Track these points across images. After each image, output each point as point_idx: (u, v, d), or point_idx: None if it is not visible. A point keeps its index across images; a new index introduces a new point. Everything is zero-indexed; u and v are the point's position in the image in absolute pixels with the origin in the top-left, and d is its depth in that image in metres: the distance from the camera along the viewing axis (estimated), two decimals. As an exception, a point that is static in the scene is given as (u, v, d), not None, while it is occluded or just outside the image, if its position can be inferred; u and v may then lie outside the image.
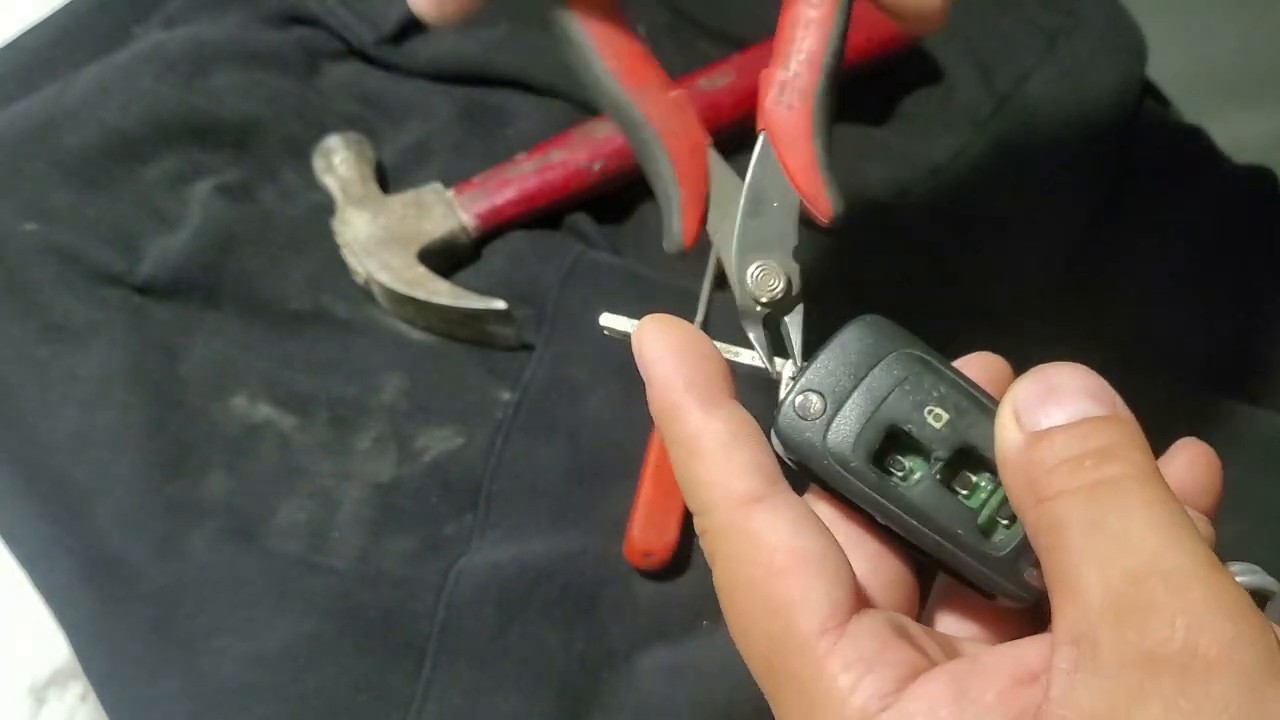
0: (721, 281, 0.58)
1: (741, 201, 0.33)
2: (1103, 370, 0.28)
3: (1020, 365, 0.56)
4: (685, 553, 0.51)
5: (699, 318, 0.56)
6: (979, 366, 0.34)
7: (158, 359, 0.53)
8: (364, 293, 0.57)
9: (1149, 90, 0.65)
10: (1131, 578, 0.23)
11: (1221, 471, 0.33)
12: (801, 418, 0.31)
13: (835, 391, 0.31)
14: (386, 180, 0.61)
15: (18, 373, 0.52)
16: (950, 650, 0.29)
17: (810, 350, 0.32)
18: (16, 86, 0.61)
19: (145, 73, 0.60)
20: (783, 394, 0.32)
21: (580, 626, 0.49)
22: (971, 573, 0.30)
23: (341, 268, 0.57)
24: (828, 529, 0.28)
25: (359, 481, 0.52)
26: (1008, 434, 0.27)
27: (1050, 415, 0.26)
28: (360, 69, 0.65)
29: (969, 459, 0.30)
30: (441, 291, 0.55)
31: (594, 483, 0.52)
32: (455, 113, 0.63)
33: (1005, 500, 0.29)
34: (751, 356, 0.33)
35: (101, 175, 0.58)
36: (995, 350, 0.55)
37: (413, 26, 0.65)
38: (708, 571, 0.53)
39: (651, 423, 0.53)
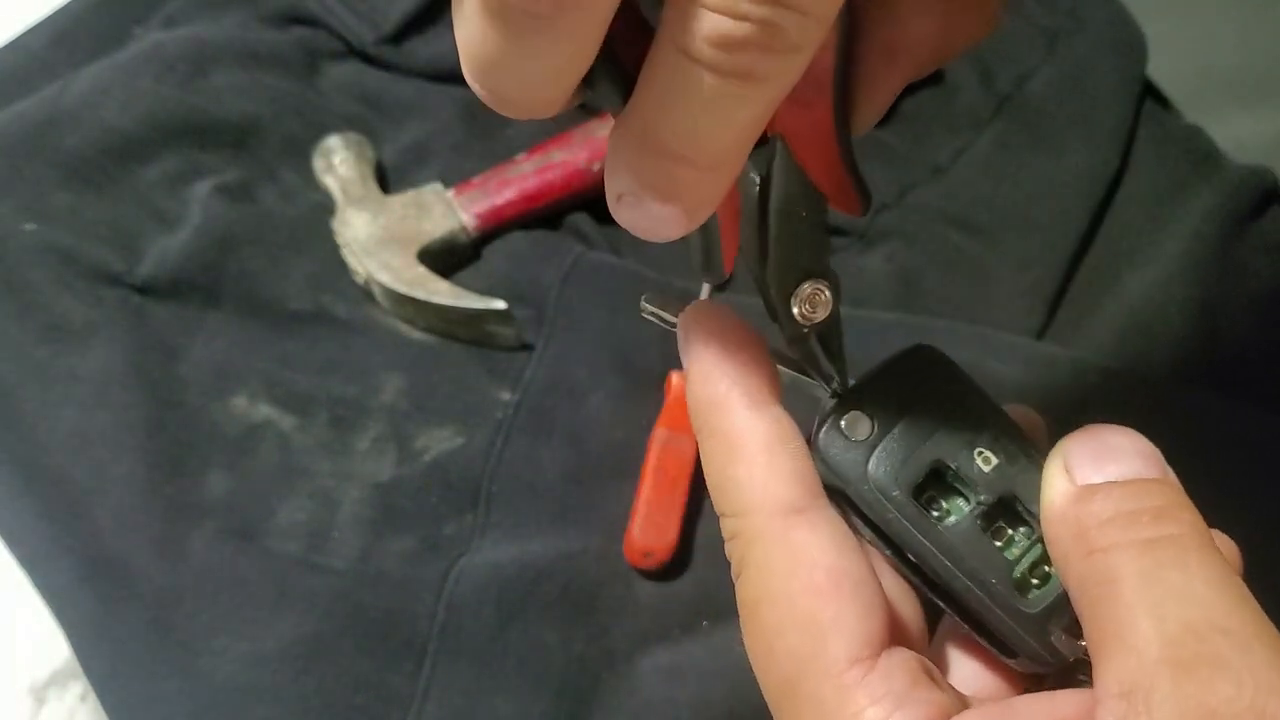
0: (722, 282, 0.58)
1: (771, 218, 0.29)
2: (1103, 371, 0.28)
3: (1023, 366, 0.56)
4: (685, 553, 0.51)
5: (699, 318, 0.56)
6: (1015, 417, 0.32)
7: (157, 359, 0.53)
8: (364, 293, 0.57)
9: (1149, 90, 0.65)
10: (1192, 631, 0.22)
11: (1241, 565, 0.30)
12: (846, 437, 0.29)
13: (884, 416, 0.29)
14: (386, 180, 0.61)
15: (18, 373, 0.52)
16: (967, 706, 0.28)
17: (856, 369, 0.30)
18: (16, 86, 0.61)
19: (145, 73, 0.60)
20: (826, 409, 0.29)
21: (580, 626, 0.49)
22: (999, 626, 0.28)
23: (341, 268, 0.57)
24: (864, 553, 0.27)
25: (359, 481, 0.52)
26: (1058, 483, 0.26)
27: (1103, 471, 0.26)
28: (360, 69, 0.65)
29: (1008, 509, 0.29)
30: (441, 291, 0.55)
31: (594, 483, 0.52)
32: (455, 113, 0.63)
33: (1040, 558, 0.28)
34: (794, 378, 0.30)
35: (101, 175, 0.58)
36: (997, 349, 0.56)
37: (412, 26, 0.65)
38: (708, 571, 0.53)
39: (651, 422, 0.54)
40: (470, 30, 0.21)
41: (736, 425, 0.27)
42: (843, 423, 0.29)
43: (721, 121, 0.22)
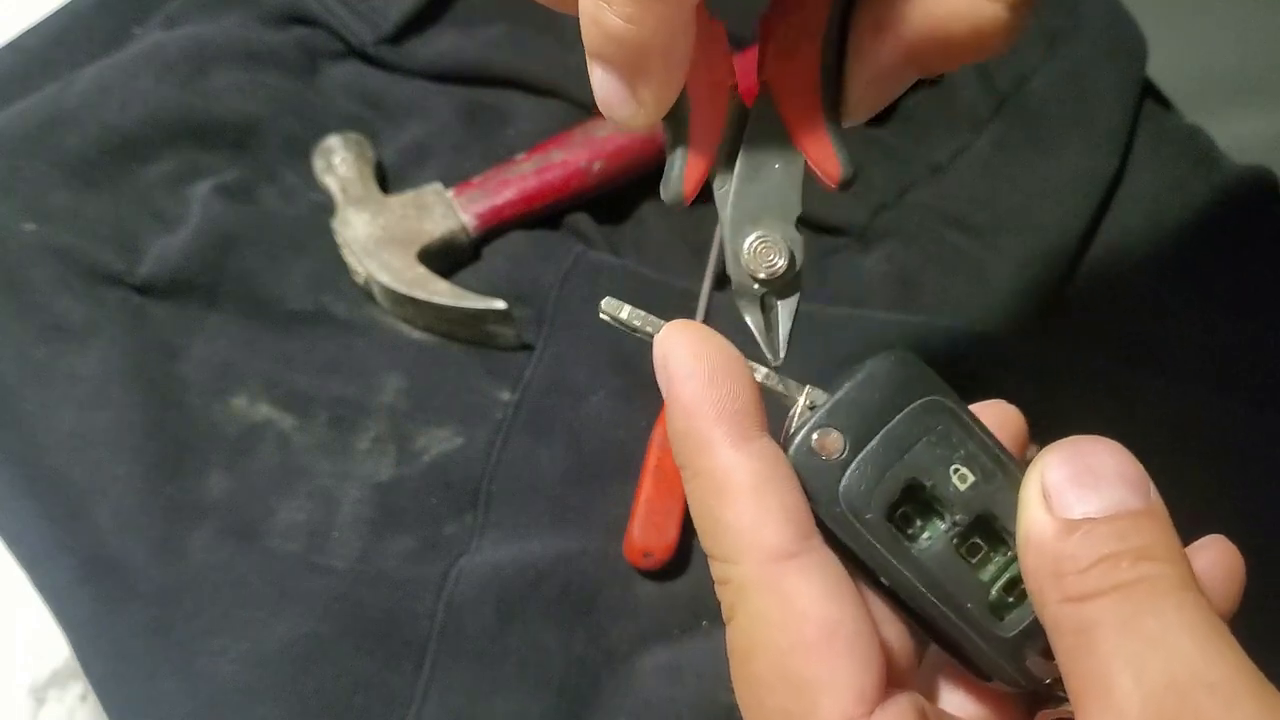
0: (722, 282, 0.58)
1: (738, 162, 0.29)
2: (1103, 371, 0.27)
3: (1021, 366, 0.56)
4: (685, 553, 0.51)
5: (698, 318, 0.56)
6: (993, 416, 0.30)
7: (157, 359, 0.53)
8: (364, 293, 0.57)
9: (1149, 90, 0.65)
10: (1173, 687, 0.22)
11: (1244, 576, 0.29)
12: (817, 455, 0.27)
13: (857, 431, 0.27)
14: (386, 180, 0.61)
15: (18, 373, 0.52)
16: None
17: (825, 376, 0.29)
18: (16, 86, 0.61)
19: (145, 73, 0.60)
20: (795, 423, 0.28)
21: (580, 627, 0.49)
22: (973, 651, 0.28)
23: (341, 268, 0.57)
24: (861, 598, 0.26)
25: (359, 481, 0.52)
26: (1035, 516, 0.25)
27: (1084, 501, 0.24)
28: (360, 69, 0.65)
29: (985, 528, 0.28)
30: (441, 291, 0.55)
31: (594, 483, 0.52)
32: (455, 113, 0.63)
33: (1017, 577, 0.27)
34: (766, 375, 0.29)
35: (101, 175, 0.58)
36: (997, 350, 0.56)
37: (412, 26, 0.65)
38: (707, 572, 0.53)
39: (651, 422, 0.54)
40: None
41: (722, 464, 0.26)
42: (813, 439, 0.27)
43: None
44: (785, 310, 0.29)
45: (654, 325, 0.29)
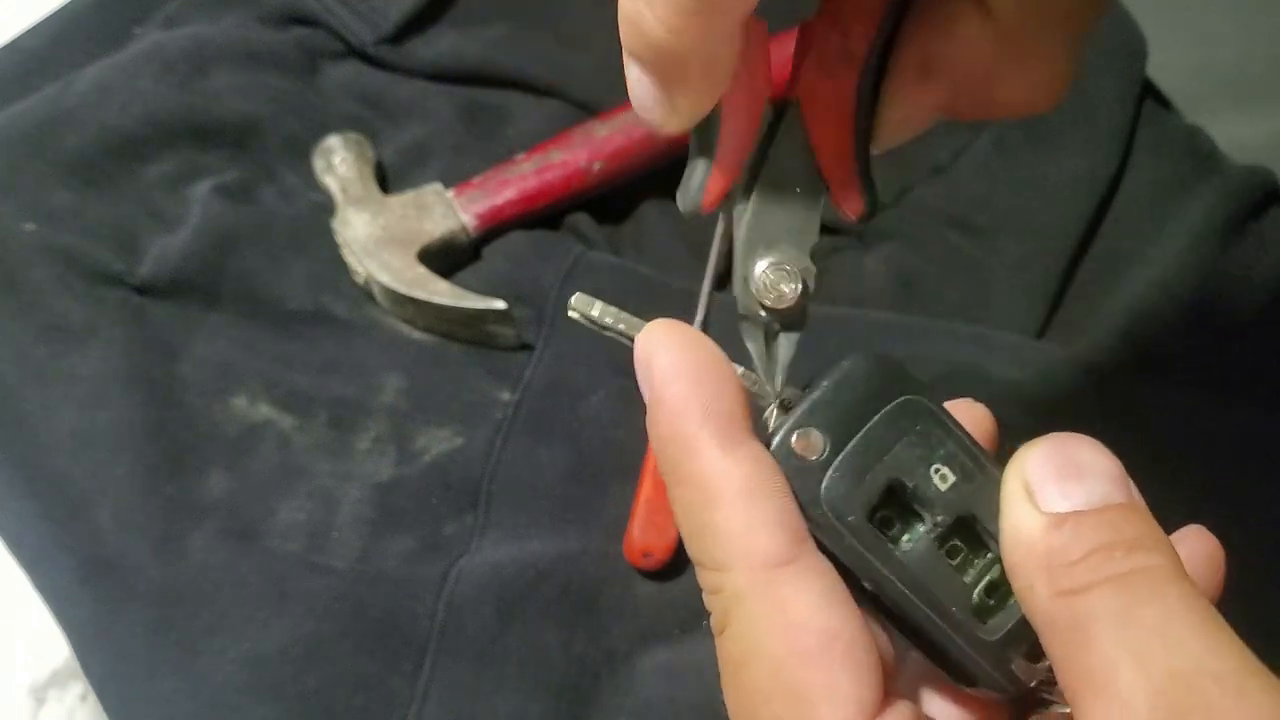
0: (722, 282, 0.58)
1: (760, 181, 0.27)
2: (1102, 372, 0.27)
3: (1021, 367, 0.55)
4: (685, 553, 0.51)
5: (698, 318, 0.56)
6: (965, 415, 0.29)
7: (157, 359, 0.53)
8: (364, 293, 0.57)
9: (1149, 90, 0.65)
10: (1179, 679, 0.21)
11: (1224, 564, 0.28)
12: (798, 456, 0.26)
13: (836, 432, 0.26)
14: (386, 180, 0.61)
15: (18, 373, 0.52)
16: None
17: (799, 378, 0.28)
18: (16, 86, 0.61)
19: (145, 73, 0.60)
20: (773, 423, 0.27)
21: (580, 626, 0.49)
22: (958, 656, 0.27)
23: (341, 268, 0.57)
24: (856, 605, 0.25)
25: (359, 481, 0.52)
26: (1022, 511, 0.24)
27: (1070, 495, 0.24)
28: (360, 69, 0.65)
29: (966, 529, 0.27)
30: (441, 291, 0.55)
31: (594, 483, 0.52)
32: (455, 113, 0.63)
33: (998, 579, 0.26)
34: (743, 373, 0.28)
35: (101, 175, 0.58)
36: (997, 349, 0.56)
37: (413, 26, 0.65)
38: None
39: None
40: None
41: (710, 469, 0.25)
42: (794, 439, 0.26)
43: None
44: (788, 343, 0.28)
45: (630, 324, 0.28)
